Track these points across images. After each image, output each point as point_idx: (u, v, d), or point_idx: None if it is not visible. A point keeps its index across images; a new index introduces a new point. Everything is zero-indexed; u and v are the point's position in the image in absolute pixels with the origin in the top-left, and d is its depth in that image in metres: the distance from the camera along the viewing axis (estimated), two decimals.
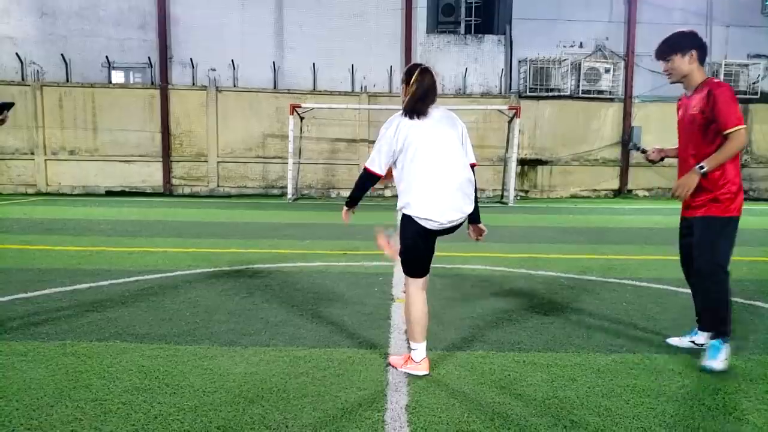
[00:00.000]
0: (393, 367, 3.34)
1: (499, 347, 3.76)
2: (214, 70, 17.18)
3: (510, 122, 15.72)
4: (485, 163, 17.38)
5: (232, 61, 17.06)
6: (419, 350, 3.28)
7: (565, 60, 17.05)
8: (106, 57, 16.79)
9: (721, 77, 16.98)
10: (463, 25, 19.16)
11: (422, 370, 3.26)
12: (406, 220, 3.23)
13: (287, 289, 5.26)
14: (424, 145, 3.16)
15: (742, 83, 17.17)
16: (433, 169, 3.15)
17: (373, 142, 17.58)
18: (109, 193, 16.95)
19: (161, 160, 17.20)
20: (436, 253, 3.35)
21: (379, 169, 3.24)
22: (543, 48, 17.19)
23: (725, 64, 16.99)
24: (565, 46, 17.42)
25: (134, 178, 17.23)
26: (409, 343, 3.38)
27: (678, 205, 3.76)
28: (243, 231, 9.38)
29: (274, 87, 17.36)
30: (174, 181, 17.42)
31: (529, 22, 17.30)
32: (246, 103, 17.24)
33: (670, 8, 17.23)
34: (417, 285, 3.31)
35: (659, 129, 17.33)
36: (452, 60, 17.54)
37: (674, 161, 3.90)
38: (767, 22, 17.37)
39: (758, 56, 17.47)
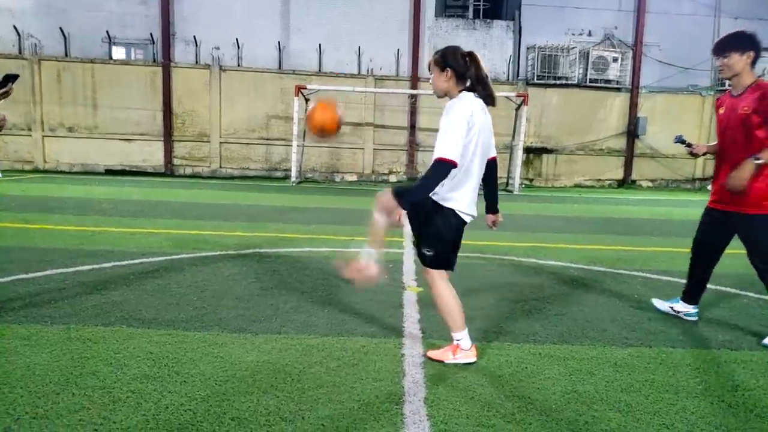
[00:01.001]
0: (439, 361, 3.21)
1: (514, 339, 3.68)
2: (218, 48, 16.94)
3: (517, 110, 15.55)
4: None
5: (237, 40, 16.82)
6: (465, 338, 3.23)
7: (573, 48, 16.84)
8: (107, 32, 16.53)
9: None
10: (471, 9, 18.91)
11: (473, 356, 3.23)
12: (448, 213, 3.09)
13: (296, 275, 5.16)
14: (481, 140, 3.07)
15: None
16: (478, 166, 3.11)
17: (379, 126, 17.59)
18: (109, 172, 16.79)
19: (162, 139, 17.03)
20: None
21: (456, 158, 2.91)
22: (551, 35, 16.97)
23: None
24: (573, 34, 17.20)
25: (135, 157, 17.07)
26: (452, 334, 3.25)
27: (678, 198, 3.73)
28: (247, 214, 9.27)
29: (279, 68, 17.15)
30: (175, 161, 17.27)
31: (538, 8, 17.06)
32: (250, 84, 17.03)
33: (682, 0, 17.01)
34: (444, 277, 3.25)
35: (664, 120, 17.19)
36: (461, 45, 17.17)
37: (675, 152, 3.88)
38: None
39: (766, 50, 17.23)
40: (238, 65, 17.08)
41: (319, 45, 17.05)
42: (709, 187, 4.11)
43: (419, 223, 3.19)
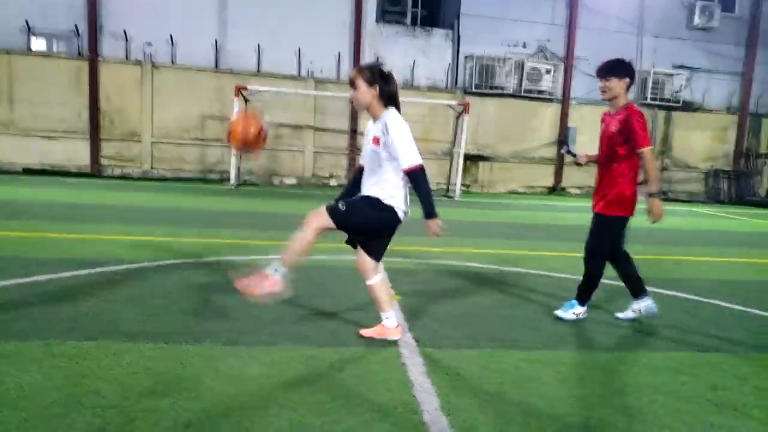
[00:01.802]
0: (370, 337, 3.70)
1: (501, 345, 3.82)
2: (150, 44, 16.26)
3: (458, 117, 15.94)
4: (430, 157, 17.51)
5: (171, 36, 16.22)
6: (392, 317, 3.73)
7: (509, 59, 17.47)
8: (26, 21, 15.47)
9: (649, 85, 18.04)
10: (409, 15, 19.15)
11: (398, 334, 3.74)
12: (389, 210, 3.51)
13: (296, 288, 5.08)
14: None
15: (667, 92, 18.27)
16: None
17: (320, 129, 17.51)
18: (27, 171, 15.72)
19: (89, 138, 16.14)
20: (411, 248, 3.64)
21: (421, 162, 3.41)
22: (489, 46, 17.52)
23: (653, 73, 18.00)
24: (509, 45, 17.84)
25: (57, 156, 16.07)
26: (381, 315, 3.72)
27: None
28: (195, 218, 8.99)
29: (216, 66, 16.69)
30: (103, 161, 16.41)
31: (476, 18, 17.57)
32: (184, 82, 16.46)
33: (607, 16, 18.03)
34: (380, 267, 3.71)
35: (593, 130, 18.02)
36: (401, 51, 17.53)
37: None
38: (692, 35, 18.54)
39: (682, 67, 18.64)
40: (172, 62, 16.48)
41: (258, 45, 16.75)
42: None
43: (361, 214, 3.49)
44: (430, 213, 3.44)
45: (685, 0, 18.46)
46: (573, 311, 4.44)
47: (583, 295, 4.45)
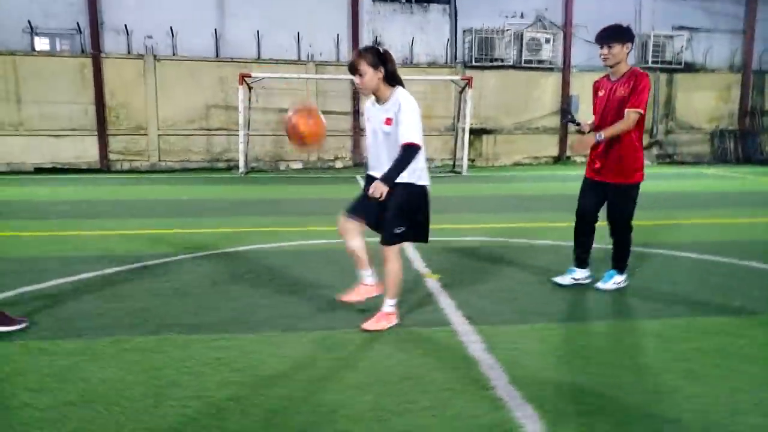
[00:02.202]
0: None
1: (549, 318, 3.92)
2: (150, 37, 16.14)
3: (461, 92, 15.90)
4: (434, 133, 17.51)
5: (171, 28, 16.10)
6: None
7: (507, 30, 17.35)
8: (28, 21, 15.36)
9: (650, 48, 17.92)
10: None
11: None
12: (421, 190, 3.61)
13: (300, 270, 5.18)
14: None
15: (668, 54, 18.17)
16: None
17: (323, 112, 17.39)
18: (39, 170, 15.73)
19: (96, 134, 16.11)
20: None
21: (421, 142, 3.49)
22: (486, 18, 17.37)
23: (653, 36, 17.89)
24: (507, 17, 17.68)
25: (67, 154, 16.06)
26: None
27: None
28: (211, 208, 9.05)
29: (217, 56, 16.59)
30: (111, 157, 16.40)
31: None
32: (187, 73, 16.38)
33: None
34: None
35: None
36: (399, 29, 17.40)
37: None
38: None
39: (681, 28, 18.50)
40: (173, 54, 16.37)
41: (257, 31, 16.63)
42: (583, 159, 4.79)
43: (394, 204, 3.52)
44: (389, 179, 3.42)
45: None
46: (614, 281, 4.49)
47: (620, 263, 4.51)
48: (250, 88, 15.33)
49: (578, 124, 4.54)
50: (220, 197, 10.55)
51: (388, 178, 3.42)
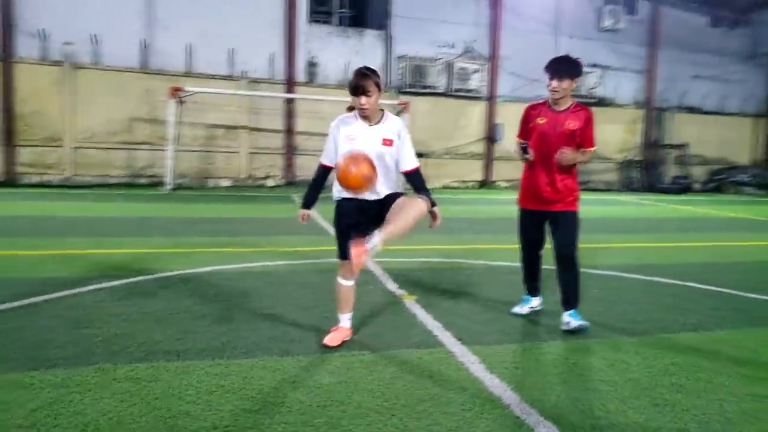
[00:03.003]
0: (331, 346, 3.67)
1: (537, 337, 4.08)
2: (70, 44, 15.25)
3: (398, 116, 16.22)
4: None
5: (94, 35, 15.31)
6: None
7: (439, 59, 17.96)
8: None
9: None
10: (337, 16, 19.18)
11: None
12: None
13: (264, 294, 5.07)
14: None
15: (583, 89, 19.48)
16: None
17: (255, 129, 17.20)
18: None
19: (2, 144, 14.93)
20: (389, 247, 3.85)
21: None
22: (419, 46, 17.92)
23: None
24: (439, 46, 18.32)
25: None
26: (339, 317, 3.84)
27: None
28: (148, 227, 8.64)
29: (144, 67, 15.94)
30: (19, 169, 15.24)
31: (407, 20, 17.91)
32: (110, 83, 15.59)
33: (526, 17, 18.98)
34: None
35: (516, 127, 19.08)
36: (335, 51, 17.55)
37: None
38: (602, 36, 19.90)
39: (595, 65, 19.95)
40: (96, 63, 15.56)
41: (189, 44, 16.18)
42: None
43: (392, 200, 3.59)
44: (434, 203, 3.62)
45: (594, 3, 19.76)
46: (581, 320, 4.20)
47: (577, 300, 4.25)
48: (180, 103, 14.83)
49: (528, 152, 4.33)
50: (153, 215, 10.08)
51: (434, 203, 3.63)
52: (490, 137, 18.58)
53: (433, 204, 3.61)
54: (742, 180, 20.72)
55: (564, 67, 4.14)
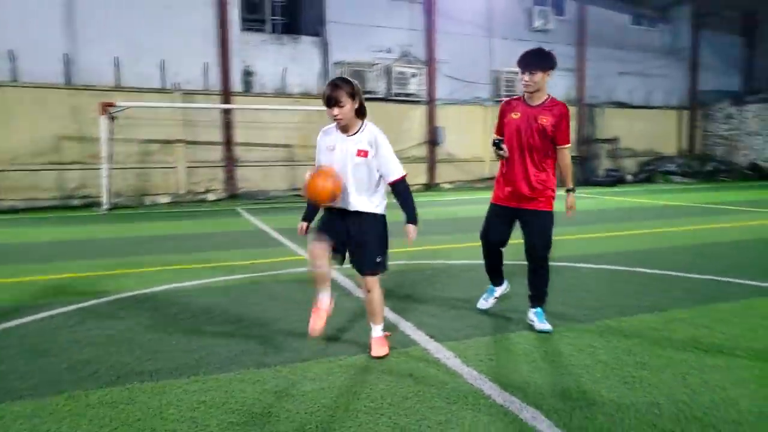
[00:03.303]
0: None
1: (505, 329, 4.19)
2: None
3: None
4: (311, 163, 17.51)
5: (11, 51, 14.54)
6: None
7: (377, 64, 18.10)
8: None
9: (503, 83, 19.74)
10: (269, 24, 19.01)
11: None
12: (385, 219, 3.72)
13: (226, 309, 5.00)
14: None
15: (517, 89, 20.11)
16: None
17: (192, 142, 16.79)
18: None
19: None
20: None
21: None
22: (356, 52, 17.99)
23: (505, 72, 19.73)
24: (375, 51, 18.45)
25: None
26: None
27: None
28: (91, 249, 8.29)
29: (69, 82, 15.27)
30: None
31: (342, 26, 17.95)
32: (32, 101, 14.79)
33: (460, 21, 19.41)
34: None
35: (457, 129, 19.53)
36: (270, 59, 17.38)
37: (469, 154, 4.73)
38: (533, 37, 20.58)
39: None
40: (14, 80, 14.78)
41: (116, 57, 15.62)
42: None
43: (374, 235, 3.65)
44: (415, 219, 3.64)
45: (524, 4, 20.46)
46: (545, 322, 4.19)
47: (545, 297, 4.29)
48: (112, 119, 14.30)
49: (502, 149, 4.21)
50: (94, 237, 9.67)
51: (414, 218, 3.63)
52: (432, 140, 18.87)
53: (415, 221, 3.64)
54: (670, 169, 21.92)
55: (534, 60, 4.00)
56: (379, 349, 3.69)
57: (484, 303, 4.68)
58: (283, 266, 6.68)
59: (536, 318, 4.21)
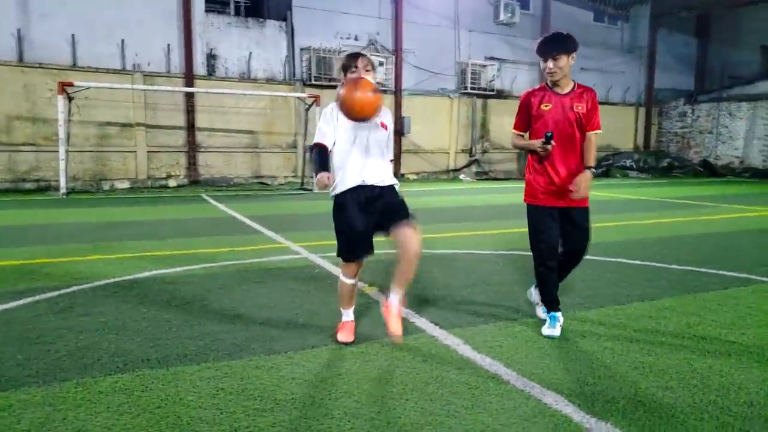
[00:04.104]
0: (349, 341, 3.63)
1: (506, 318, 4.23)
2: None
3: (308, 110, 16.03)
4: (275, 150, 17.42)
5: None
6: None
7: (343, 51, 17.92)
8: None
9: (468, 75, 19.91)
10: (232, 6, 18.53)
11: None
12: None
13: (220, 296, 4.89)
14: None
15: (482, 81, 20.35)
16: None
17: (152, 126, 16.26)
18: None
19: None
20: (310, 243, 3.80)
21: None
22: (323, 38, 17.77)
23: (471, 64, 19.91)
24: (342, 38, 18.28)
25: None
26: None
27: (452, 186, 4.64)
28: (56, 235, 7.95)
29: (20, 60, 14.52)
30: None
31: (308, 11, 17.69)
32: None
33: (427, 11, 19.43)
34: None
35: (423, 119, 19.59)
36: (234, 43, 16.96)
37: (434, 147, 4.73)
38: (498, 30, 20.84)
39: (493, 58, 20.87)
40: None
41: (73, 35, 14.94)
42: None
43: (396, 201, 3.58)
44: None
45: None
46: (560, 323, 3.93)
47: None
48: (70, 99, 13.69)
49: (551, 144, 3.78)
50: (57, 221, 9.27)
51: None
52: (399, 130, 18.85)
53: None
54: (627, 165, 22.63)
55: (556, 45, 3.72)
56: (399, 324, 3.41)
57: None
58: (266, 254, 6.58)
59: (549, 323, 3.95)
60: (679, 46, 24.79)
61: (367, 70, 3.42)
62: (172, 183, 16.45)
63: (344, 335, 3.68)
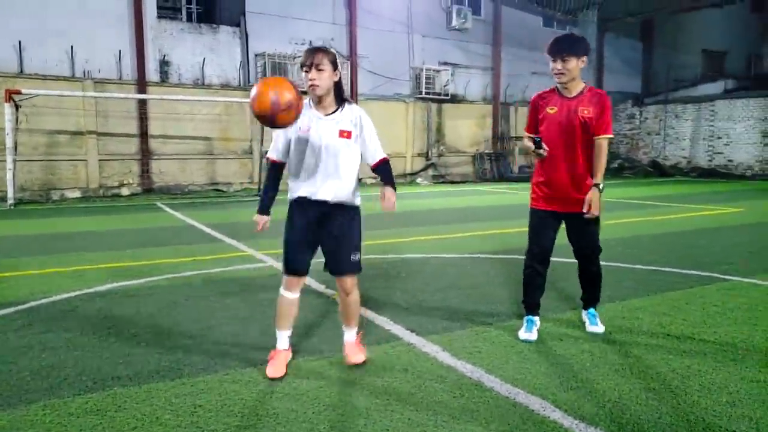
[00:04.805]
0: (279, 377, 3.21)
1: (482, 322, 4.24)
2: None
3: None
4: (231, 156, 17.13)
5: None
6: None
7: (298, 57, 17.77)
8: None
9: (423, 80, 20.06)
10: (184, 12, 18.16)
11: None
12: (360, 211, 3.45)
13: (183, 311, 4.75)
14: None
15: (437, 86, 20.54)
16: None
17: (104, 134, 15.72)
18: None
19: None
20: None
21: None
22: (277, 44, 17.57)
23: (425, 69, 20.07)
24: (296, 43, 18.12)
25: None
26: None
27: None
28: (6, 248, 7.58)
29: None
30: None
31: (262, 16, 17.48)
32: None
33: (381, 17, 19.49)
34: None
35: (379, 124, 19.14)
36: (188, 49, 16.60)
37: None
38: (452, 35, 21.10)
39: (446, 64, 21.10)
40: None
41: (19, 42, 14.34)
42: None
43: (355, 230, 3.37)
44: (394, 185, 3.35)
45: (443, 3, 20.88)
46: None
47: (598, 296, 4.17)
48: (18, 107, 13.11)
49: (541, 147, 3.78)
50: (4, 234, 8.83)
51: (394, 185, 3.31)
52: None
53: (394, 188, 3.32)
54: None
55: (566, 46, 3.66)
56: (358, 355, 3.43)
57: (529, 336, 3.87)
58: (230, 263, 6.44)
59: (588, 319, 4.10)
60: (626, 51, 25.65)
61: (320, 69, 3.13)
62: (125, 191, 15.94)
63: (273, 369, 3.22)
